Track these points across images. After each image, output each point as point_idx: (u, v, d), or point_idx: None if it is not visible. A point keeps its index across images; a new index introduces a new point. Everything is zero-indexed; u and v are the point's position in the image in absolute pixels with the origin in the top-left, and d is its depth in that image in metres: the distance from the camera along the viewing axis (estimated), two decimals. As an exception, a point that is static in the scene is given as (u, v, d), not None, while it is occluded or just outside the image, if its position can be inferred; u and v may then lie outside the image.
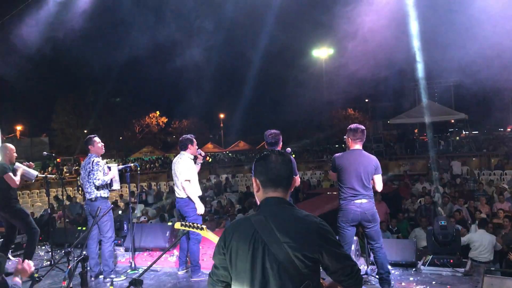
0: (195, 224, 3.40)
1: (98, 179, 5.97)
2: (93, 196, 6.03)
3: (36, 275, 5.71)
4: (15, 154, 6.61)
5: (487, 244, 7.68)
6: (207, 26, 25.79)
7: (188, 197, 6.00)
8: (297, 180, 5.56)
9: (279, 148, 5.57)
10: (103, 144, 6.35)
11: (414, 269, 5.99)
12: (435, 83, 29.50)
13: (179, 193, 6.13)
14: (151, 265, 3.48)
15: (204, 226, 3.37)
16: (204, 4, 22.89)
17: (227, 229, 2.19)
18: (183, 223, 3.50)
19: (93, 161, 6.04)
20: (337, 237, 5.12)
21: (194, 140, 6.27)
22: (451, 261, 5.81)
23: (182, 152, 6.15)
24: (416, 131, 35.30)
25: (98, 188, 6.04)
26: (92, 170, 6.00)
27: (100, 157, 6.25)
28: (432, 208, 10.96)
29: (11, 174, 6.28)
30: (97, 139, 6.24)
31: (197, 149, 6.32)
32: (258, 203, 2.22)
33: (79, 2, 13.70)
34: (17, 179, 6.36)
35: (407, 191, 14.52)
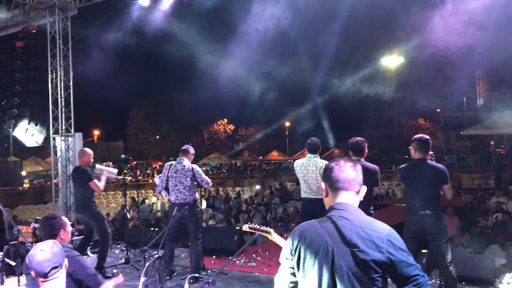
0: (262, 228, 3.35)
1: (209, 182, 6.54)
2: (190, 199, 6.38)
3: (114, 270, 6.07)
4: (92, 159, 7.00)
5: None
6: (276, 37, 26.04)
7: None
8: (375, 190, 5.47)
9: (365, 155, 5.50)
10: None
11: (491, 287, 5.70)
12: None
13: (313, 195, 6.16)
14: (223, 267, 3.59)
15: (271, 230, 3.32)
16: (268, 15, 23.14)
17: (295, 233, 2.18)
18: (251, 226, 3.45)
19: (193, 168, 6.44)
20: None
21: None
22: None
23: (313, 155, 6.34)
24: (492, 143, 33.48)
25: (194, 192, 6.46)
26: (199, 177, 6.42)
27: None
28: (510, 225, 10.35)
29: (96, 181, 6.67)
30: (193, 150, 6.70)
31: None
32: (327, 208, 2.21)
33: (156, 13, 14.21)
34: (102, 184, 6.72)
35: (481, 205, 13.80)
